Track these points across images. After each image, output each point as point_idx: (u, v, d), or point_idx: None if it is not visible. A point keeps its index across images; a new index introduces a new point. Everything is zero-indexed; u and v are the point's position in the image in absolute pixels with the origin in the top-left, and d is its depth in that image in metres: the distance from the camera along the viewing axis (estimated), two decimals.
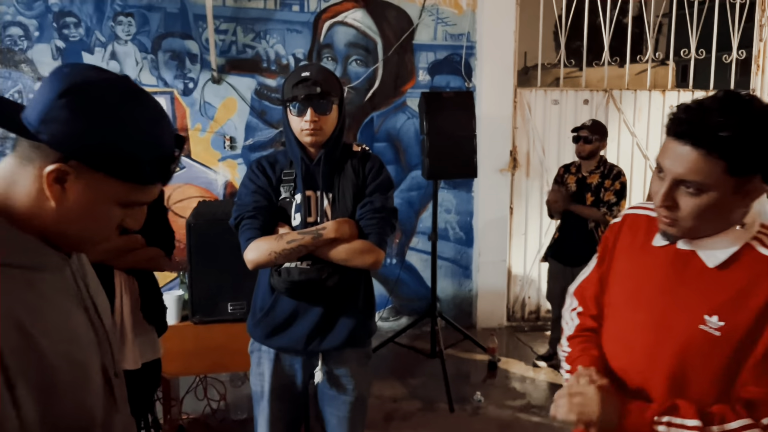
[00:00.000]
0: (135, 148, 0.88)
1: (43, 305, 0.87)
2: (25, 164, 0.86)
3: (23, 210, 0.87)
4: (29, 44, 4.14)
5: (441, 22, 4.67)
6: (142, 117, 0.89)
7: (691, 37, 5.00)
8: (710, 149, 1.09)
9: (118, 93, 0.88)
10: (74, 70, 0.88)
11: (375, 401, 3.68)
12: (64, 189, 0.86)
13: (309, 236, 1.89)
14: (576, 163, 4.05)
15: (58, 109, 0.83)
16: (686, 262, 1.25)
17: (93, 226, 0.92)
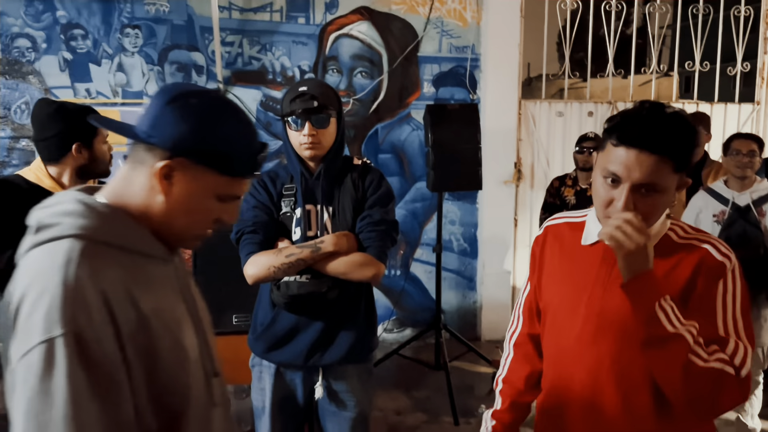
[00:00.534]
0: (228, 144, 1.04)
1: (152, 287, 1.02)
2: (137, 166, 1.03)
3: (137, 206, 1.03)
4: (37, 56, 4.17)
5: (446, 34, 4.69)
6: (233, 118, 1.06)
7: (696, 49, 5.01)
8: (663, 152, 1.22)
9: (212, 100, 1.06)
10: (176, 85, 1.06)
11: (379, 414, 3.67)
12: (171, 183, 1.02)
13: (307, 250, 1.90)
14: (571, 175, 4.06)
15: (165, 115, 1.01)
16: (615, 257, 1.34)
17: (195, 217, 1.07)
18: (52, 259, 0.93)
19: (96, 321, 0.90)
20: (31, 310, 0.89)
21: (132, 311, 0.95)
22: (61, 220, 0.97)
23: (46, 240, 0.96)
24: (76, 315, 0.88)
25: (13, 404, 0.89)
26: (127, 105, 4.32)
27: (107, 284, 0.93)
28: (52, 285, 0.89)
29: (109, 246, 0.98)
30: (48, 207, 1.00)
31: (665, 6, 5.19)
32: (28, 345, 0.87)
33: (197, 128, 1.01)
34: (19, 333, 0.89)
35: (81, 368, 0.87)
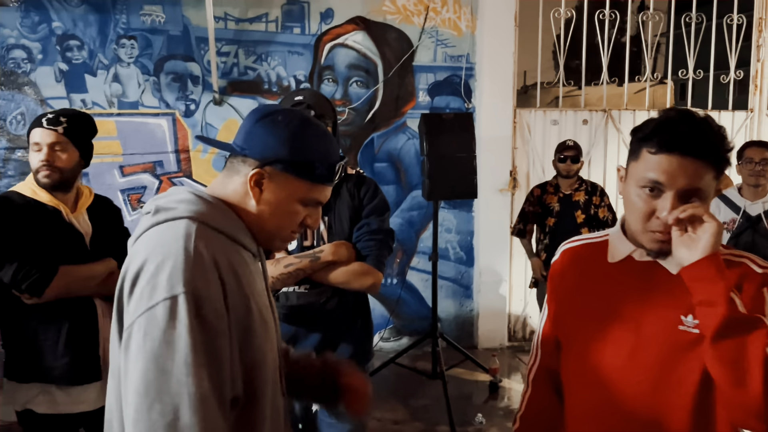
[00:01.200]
0: (311, 154, 1.17)
1: (247, 271, 1.15)
2: (232, 175, 1.18)
3: (233, 207, 1.17)
4: (32, 67, 4.18)
5: (441, 43, 4.71)
6: (315, 132, 1.20)
7: (689, 57, 5.04)
8: (706, 157, 1.17)
9: (296, 116, 1.20)
10: (266, 107, 1.26)
11: (376, 424, 3.66)
12: (261, 190, 1.16)
13: (307, 260, 1.89)
14: (552, 183, 4.09)
15: (256, 131, 1.17)
16: (650, 270, 1.28)
17: (283, 220, 1.19)
18: (173, 232, 1.06)
19: (211, 285, 1.03)
20: (155, 272, 1.01)
21: (235, 284, 1.08)
22: (178, 206, 1.12)
23: (164, 220, 1.10)
24: (196, 277, 1.01)
25: (130, 357, 1.00)
26: (123, 115, 4.33)
27: (218, 256, 1.07)
28: (174, 252, 1.03)
29: (216, 231, 1.11)
30: (165, 196, 1.16)
31: (658, 15, 5.23)
32: (152, 301, 0.99)
33: (284, 141, 1.15)
34: (141, 292, 1.01)
35: (198, 323, 0.99)
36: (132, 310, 1.02)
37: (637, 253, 1.30)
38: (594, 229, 3.95)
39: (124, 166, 4.37)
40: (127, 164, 4.38)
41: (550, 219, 4.03)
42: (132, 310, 1.02)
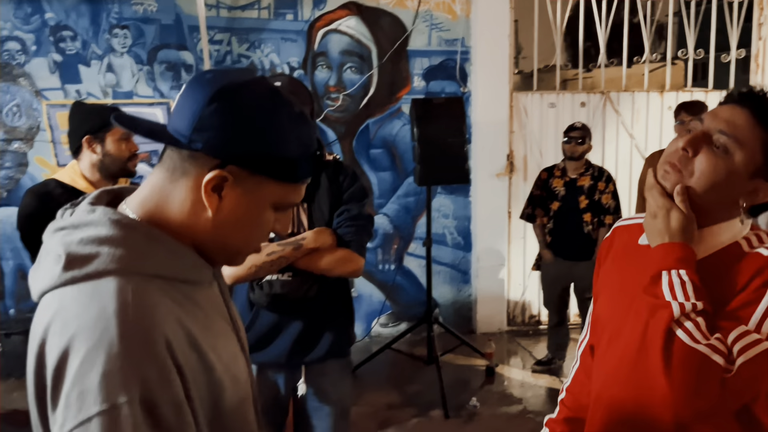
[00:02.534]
0: (288, 147, 0.87)
1: (205, 318, 0.88)
2: (177, 177, 0.86)
3: (178, 224, 0.87)
4: (27, 58, 4.19)
5: (435, 27, 4.67)
6: (290, 115, 0.88)
7: (689, 38, 4.97)
8: (763, 118, 1.10)
9: (263, 93, 0.87)
10: (216, 75, 0.87)
11: (369, 409, 3.68)
12: (220, 197, 0.85)
13: (289, 247, 1.89)
14: (559, 166, 4.06)
15: (210, 115, 0.82)
16: None
17: (250, 233, 0.91)
18: (98, 304, 0.76)
19: (165, 378, 0.76)
20: (82, 371, 0.73)
21: (193, 355, 0.82)
22: (98, 250, 0.80)
23: (83, 277, 0.79)
24: (144, 375, 0.74)
25: None
26: (118, 105, 4.34)
27: (168, 330, 0.79)
28: (107, 339, 0.74)
29: (157, 278, 0.82)
30: (76, 230, 0.82)
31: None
32: (83, 415, 0.72)
33: (252, 132, 0.84)
34: (68, 400, 0.73)
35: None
36: (59, 422, 0.74)
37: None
38: (597, 215, 3.92)
39: None
40: None
41: (554, 203, 4.01)
42: (59, 421, 0.74)
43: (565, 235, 3.96)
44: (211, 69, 0.91)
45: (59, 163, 4.24)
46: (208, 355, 0.84)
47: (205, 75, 0.87)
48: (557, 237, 4.04)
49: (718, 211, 1.17)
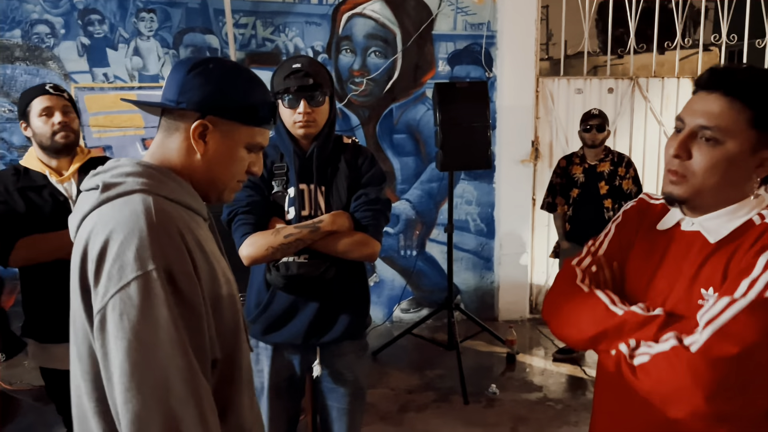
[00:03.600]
0: (249, 98, 1.17)
1: (204, 237, 1.13)
2: (172, 133, 1.15)
3: (178, 168, 1.15)
4: (56, 42, 4.25)
5: (461, 11, 4.62)
6: (247, 76, 1.19)
7: (723, 23, 4.84)
8: (738, 95, 1.09)
9: (226, 62, 1.18)
10: (190, 58, 1.22)
11: (389, 393, 3.70)
12: (205, 142, 1.14)
13: (306, 230, 1.89)
14: (578, 153, 4.01)
15: (189, 81, 1.13)
16: (690, 243, 1.22)
17: (230, 169, 1.18)
18: (130, 208, 1.02)
19: (181, 257, 1.02)
20: (121, 250, 0.98)
21: (200, 254, 1.07)
22: (125, 180, 1.07)
23: (116, 195, 1.06)
24: (165, 251, 0.99)
25: (108, 339, 0.97)
26: (144, 88, 4.38)
27: (182, 227, 1.05)
28: (138, 227, 0.99)
29: (168, 200, 1.08)
30: (109, 170, 1.10)
31: None
32: (123, 281, 0.96)
33: (221, 87, 1.13)
34: (109, 273, 0.97)
35: (174, 297, 0.99)
36: (102, 293, 0.98)
37: (684, 222, 1.25)
38: (618, 201, 3.86)
39: (146, 138, 4.44)
40: (149, 137, 4.44)
41: (574, 190, 3.97)
42: (102, 292, 0.98)
43: (585, 222, 3.91)
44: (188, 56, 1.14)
45: (87, 145, 4.30)
46: (209, 255, 1.10)
47: (182, 59, 1.22)
48: (577, 224, 3.99)
49: (732, 193, 1.17)
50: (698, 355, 1.06)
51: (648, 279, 1.27)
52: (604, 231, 1.43)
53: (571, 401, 3.58)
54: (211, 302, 1.08)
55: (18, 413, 3.50)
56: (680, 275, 1.21)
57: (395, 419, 3.41)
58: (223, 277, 1.13)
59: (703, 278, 1.17)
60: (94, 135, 4.33)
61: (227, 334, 1.13)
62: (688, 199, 1.18)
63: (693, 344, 1.07)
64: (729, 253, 1.15)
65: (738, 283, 1.09)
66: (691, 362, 1.06)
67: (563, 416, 3.41)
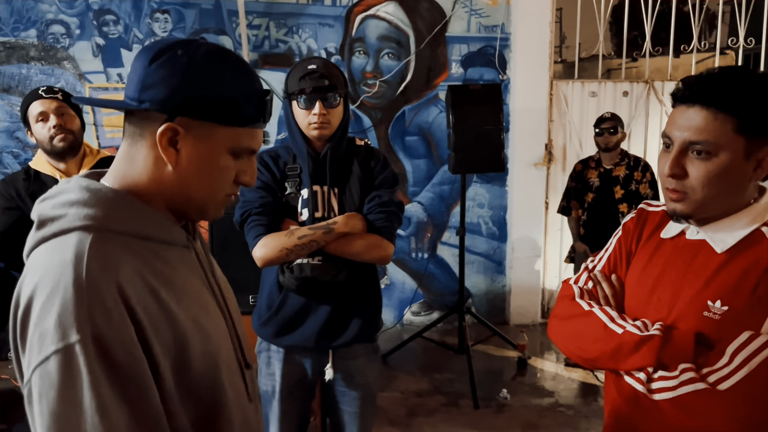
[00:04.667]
0: (228, 90, 0.92)
1: (173, 275, 0.92)
2: (136, 140, 0.93)
3: (145, 184, 0.93)
4: (71, 42, 4.27)
5: (474, 13, 4.60)
6: (227, 62, 0.93)
7: (740, 26, 4.78)
8: (720, 106, 1.08)
9: (198, 46, 0.92)
10: (155, 42, 0.93)
11: (399, 396, 3.68)
12: (177, 150, 0.91)
13: (320, 231, 1.88)
14: (594, 157, 3.97)
15: (152, 74, 0.89)
16: (696, 252, 1.21)
17: (211, 181, 0.96)
18: (59, 255, 0.83)
19: (115, 319, 0.81)
20: (42, 315, 0.80)
21: (153, 304, 0.86)
22: (66, 211, 0.87)
23: (51, 235, 0.87)
24: (93, 316, 0.80)
25: (34, 419, 0.81)
26: None
27: (123, 277, 0.84)
28: (63, 284, 0.80)
29: (122, 234, 0.88)
30: (51, 198, 0.91)
31: None
32: (42, 354, 0.79)
33: (191, 79, 0.89)
34: (31, 341, 0.81)
35: (104, 373, 0.79)
36: (26, 364, 0.82)
37: (689, 230, 1.24)
38: (634, 206, 3.83)
39: None
40: None
41: (589, 194, 3.94)
42: (26, 363, 0.82)
43: (600, 227, 3.87)
44: (155, 40, 0.98)
45: (101, 145, 4.33)
46: (169, 305, 0.88)
47: (146, 45, 0.94)
48: (592, 229, 3.96)
49: (736, 199, 1.17)
50: (732, 395, 1.06)
51: (651, 288, 1.26)
52: (605, 246, 1.43)
53: (583, 407, 3.54)
54: (173, 364, 0.88)
55: None
56: (685, 285, 1.19)
57: (404, 423, 3.39)
58: (196, 326, 0.92)
59: (712, 290, 1.15)
60: (108, 135, 4.36)
61: (201, 393, 0.93)
62: (693, 214, 1.18)
63: (723, 382, 1.08)
64: (742, 269, 1.14)
65: (764, 311, 1.09)
66: (724, 402, 1.06)
67: (574, 422, 3.37)
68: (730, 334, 1.10)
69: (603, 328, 1.24)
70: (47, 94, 2.23)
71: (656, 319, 1.22)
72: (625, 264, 1.36)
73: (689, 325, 1.16)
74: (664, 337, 1.16)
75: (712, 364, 1.10)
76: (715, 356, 1.10)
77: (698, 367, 1.11)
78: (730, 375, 1.07)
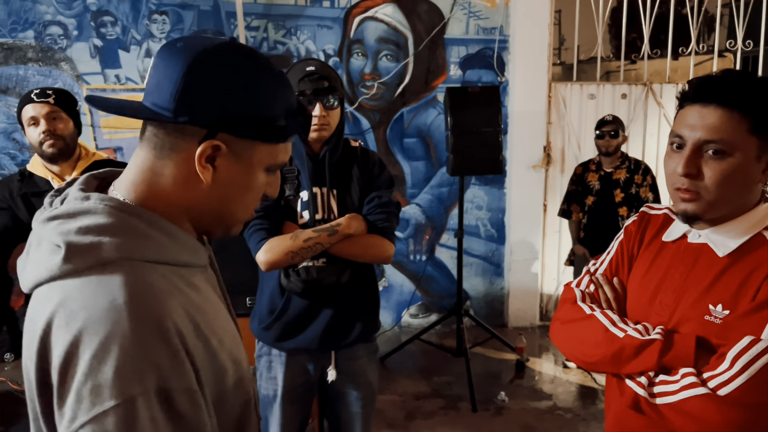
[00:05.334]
0: (273, 106, 0.85)
1: (204, 304, 0.86)
2: (165, 154, 0.83)
3: (172, 200, 0.85)
4: (68, 43, 4.26)
5: (473, 15, 4.60)
6: (271, 74, 0.86)
7: (738, 29, 4.79)
8: (735, 105, 1.08)
9: (240, 55, 0.84)
10: (187, 43, 0.83)
11: (397, 399, 3.67)
12: (215, 167, 0.84)
13: (325, 233, 1.87)
14: (594, 160, 3.97)
15: (192, 84, 0.80)
16: (697, 256, 1.21)
17: (245, 199, 0.90)
18: (107, 295, 0.74)
19: (178, 367, 0.74)
20: (94, 365, 0.71)
21: (199, 342, 0.80)
22: (99, 240, 0.77)
23: (86, 268, 0.76)
24: (159, 364, 0.72)
25: None
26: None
27: (175, 317, 0.77)
28: (121, 331, 0.72)
29: (159, 264, 0.81)
30: (73, 219, 0.79)
31: None
32: (97, 409, 0.70)
33: (236, 95, 0.82)
34: (79, 394, 0.71)
35: (167, 426, 0.72)
36: (68, 417, 0.72)
37: (691, 234, 1.24)
38: (634, 209, 3.82)
39: None
40: None
41: (589, 198, 3.94)
42: (68, 416, 0.72)
43: (600, 230, 3.87)
44: (180, 37, 0.87)
45: (98, 146, 4.31)
46: (211, 341, 0.82)
47: (175, 44, 0.84)
48: (592, 232, 3.96)
49: (743, 200, 1.17)
50: (732, 400, 1.06)
51: (653, 291, 1.26)
52: (607, 249, 1.43)
53: (581, 411, 3.53)
54: (216, 404, 0.83)
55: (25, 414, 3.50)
56: (688, 289, 1.20)
57: (402, 426, 3.38)
58: (228, 355, 0.87)
59: (713, 294, 1.16)
60: (105, 136, 4.34)
61: (230, 426, 0.89)
62: (703, 215, 1.17)
63: (723, 387, 1.07)
64: (745, 273, 1.14)
65: (765, 316, 1.08)
66: (725, 407, 1.06)
67: (573, 426, 3.36)
68: (731, 338, 1.10)
69: (604, 331, 1.24)
70: (39, 98, 2.20)
71: (658, 323, 1.21)
72: (627, 267, 1.36)
73: (691, 329, 1.16)
74: (665, 341, 1.16)
75: (713, 369, 1.09)
76: (716, 361, 1.10)
77: (699, 371, 1.11)
78: (730, 380, 1.06)
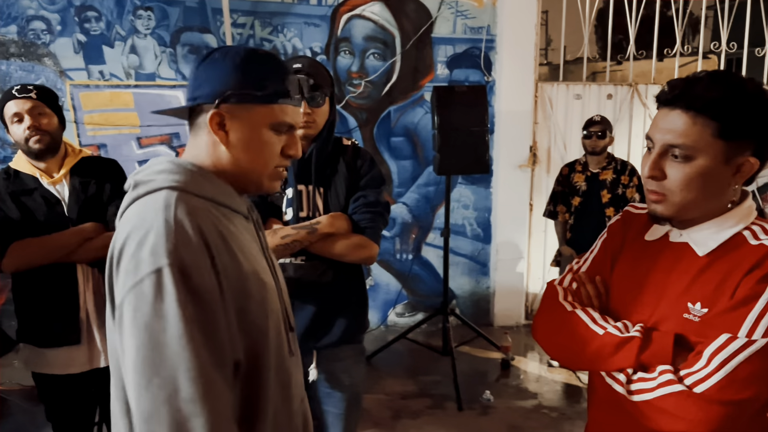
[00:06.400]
0: (258, 74, 1.12)
1: (238, 235, 1.12)
2: (197, 131, 1.15)
3: (210, 165, 1.14)
4: (52, 38, 4.20)
5: (460, 15, 4.60)
6: (254, 53, 1.14)
7: (723, 31, 4.83)
8: (700, 110, 1.09)
9: (231, 47, 1.14)
10: (203, 53, 1.19)
11: (384, 398, 3.66)
12: (226, 132, 1.11)
13: (304, 231, 1.86)
14: (581, 161, 3.98)
15: (200, 74, 1.13)
16: (679, 255, 1.22)
17: (261, 155, 1.15)
18: (152, 205, 1.03)
19: (196, 253, 1.00)
20: (138, 246, 0.98)
21: (223, 247, 1.05)
22: (156, 177, 1.08)
23: (144, 193, 1.07)
24: (179, 248, 0.98)
25: (124, 334, 0.98)
26: (140, 87, 4.35)
27: (202, 222, 1.03)
28: (156, 224, 0.99)
29: (199, 197, 1.08)
30: (144, 169, 1.12)
31: None
32: (137, 276, 0.97)
33: (229, 71, 1.10)
34: (126, 268, 0.99)
35: (186, 292, 0.97)
36: (120, 287, 1.00)
37: (673, 233, 1.25)
38: (620, 210, 3.84)
39: (142, 137, 4.40)
40: (144, 136, 4.40)
41: (576, 198, 3.95)
42: (120, 287, 1.00)
43: (586, 231, 3.88)
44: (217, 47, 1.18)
45: (81, 143, 4.26)
46: (235, 252, 1.07)
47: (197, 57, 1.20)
48: (578, 233, 3.97)
49: (716, 203, 1.18)
50: (708, 397, 1.07)
51: (634, 290, 1.27)
52: (591, 248, 1.44)
53: (567, 409, 3.55)
54: (235, 299, 1.05)
55: (8, 413, 3.46)
56: (668, 287, 1.21)
57: (389, 426, 3.37)
58: (255, 276, 1.10)
59: (693, 293, 1.16)
60: (89, 133, 4.29)
61: (253, 335, 1.08)
62: (673, 216, 1.19)
63: (700, 384, 1.08)
64: (723, 272, 1.14)
65: (743, 314, 1.09)
66: (701, 404, 1.07)
67: (558, 424, 3.38)
68: (709, 336, 1.11)
69: (585, 329, 1.24)
70: (20, 94, 2.14)
71: (639, 321, 1.22)
72: (610, 265, 1.36)
73: (670, 327, 1.17)
74: (644, 338, 1.17)
75: (690, 366, 1.10)
76: (693, 358, 1.11)
77: (677, 368, 1.12)
78: (707, 377, 1.07)
